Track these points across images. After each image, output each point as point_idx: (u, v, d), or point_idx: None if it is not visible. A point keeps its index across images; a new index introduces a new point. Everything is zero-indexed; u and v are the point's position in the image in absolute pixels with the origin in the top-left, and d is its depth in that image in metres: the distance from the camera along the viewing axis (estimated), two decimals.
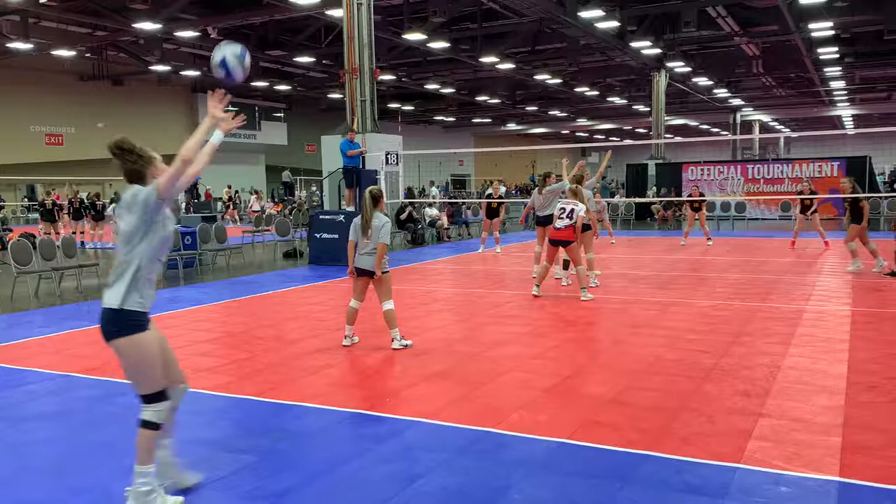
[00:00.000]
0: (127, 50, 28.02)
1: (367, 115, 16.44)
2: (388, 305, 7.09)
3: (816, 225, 15.73)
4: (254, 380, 6.21)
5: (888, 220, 22.44)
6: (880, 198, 23.17)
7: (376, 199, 7.04)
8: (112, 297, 3.61)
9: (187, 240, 14.19)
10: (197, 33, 23.67)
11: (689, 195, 17.70)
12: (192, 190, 32.64)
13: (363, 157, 15.31)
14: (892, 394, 5.36)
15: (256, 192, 35.73)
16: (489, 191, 20.26)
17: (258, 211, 29.23)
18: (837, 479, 3.91)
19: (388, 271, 7.15)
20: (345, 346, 7.31)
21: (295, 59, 27.93)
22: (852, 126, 55.28)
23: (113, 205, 24.46)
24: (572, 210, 9.54)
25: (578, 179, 10.42)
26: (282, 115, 43.11)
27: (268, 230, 19.62)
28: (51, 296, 11.39)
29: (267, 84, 33.05)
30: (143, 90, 35.86)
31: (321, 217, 15.00)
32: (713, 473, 4.03)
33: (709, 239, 16.97)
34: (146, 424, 3.69)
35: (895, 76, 36.99)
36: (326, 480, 4.11)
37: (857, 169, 24.98)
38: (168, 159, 3.69)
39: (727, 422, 4.84)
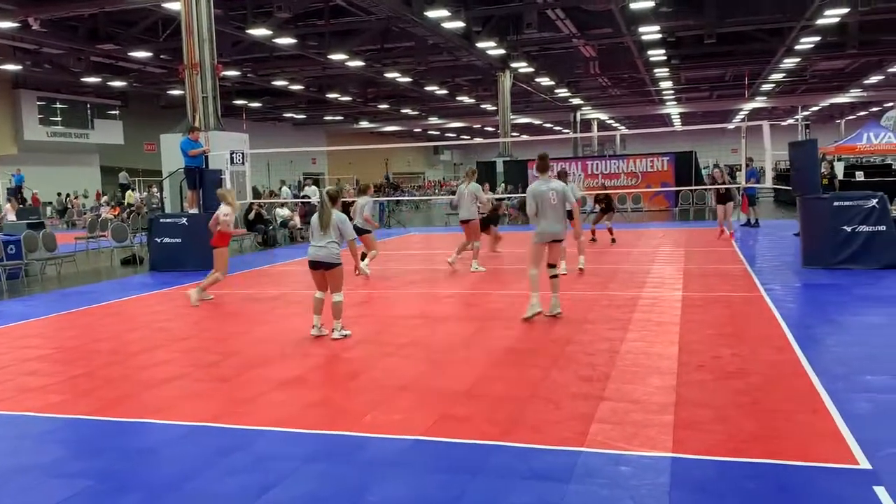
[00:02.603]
0: None
1: (209, 113, 15.76)
2: (338, 297, 7.54)
3: (729, 212, 15.90)
4: (90, 397, 5.79)
5: (712, 211, 24.40)
6: (705, 190, 25.12)
7: (334, 199, 7.68)
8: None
9: (11, 249, 13.00)
10: (16, 24, 21.72)
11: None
12: (17, 194, 30.03)
13: (206, 157, 14.67)
14: (717, 372, 5.82)
15: (10, 200, 27.54)
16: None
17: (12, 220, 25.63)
18: (671, 454, 4.19)
19: (340, 264, 7.57)
20: (313, 335, 7.53)
21: (130, 54, 26.29)
22: (680, 123, 59.66)
23: None
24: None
25: (363, 190, 12.39)
26: (117, 112, 40.48)
27: (103, 236, 18.36)
28: None
29: (99, 80, 30.92)
30: None
31: (162, 220, 14.23)
32: (559, 458, 4.20)
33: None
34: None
35: (716, 77, 40.33)
36: (171, 498, 3.90)
37: (685, 163, 27.01)
38: None
39: (572, 407, 5.06)
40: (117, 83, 32.47)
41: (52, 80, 32.51)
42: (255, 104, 40.73)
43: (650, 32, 24.77)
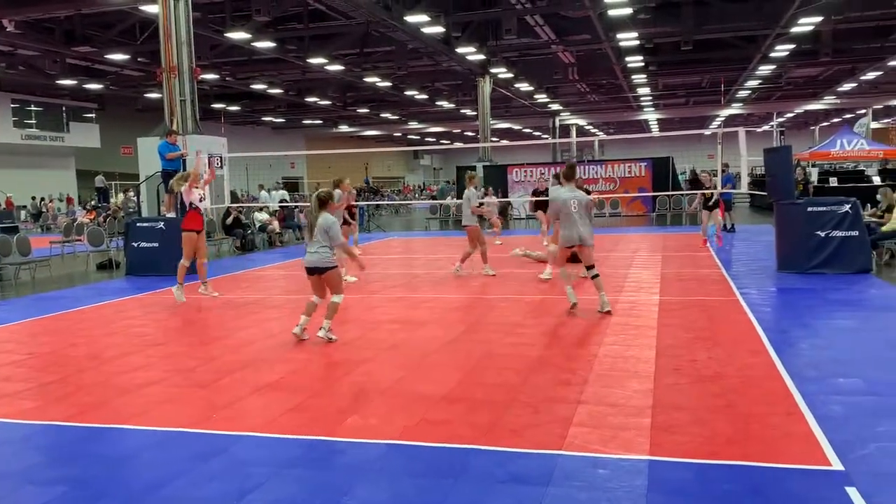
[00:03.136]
0: None
1: (187, 116, 15.67)
2: (336, 299, 7.57)
3: (715, 218, 15.81)
4: (64, 403, 5.73)
5: (689, 216, 24.64)
6: (682, 195, 25.37)
7: (323, 202, 7.49)
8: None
9: None
10: None
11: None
12: None
13: (184, 161, 14.56)
14: (693, 375, 5.88)
15: None
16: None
17: None
18: (648, 457, 4.22)
19: (336, 266, 7.59)
20: (294, 333, 7.54)
21: (107, 56, 26.05)
22: (657, 129, 60.17)
23: None
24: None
25: (336, 185, 11.75)
26: (93, 115, 40.07)
27: (79, 240, 18.13)
28: None
29: (75, 82, 30.58)
30: None
31: (139, 225, 14.10)
32: (538, 462, 4.22)
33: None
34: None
35: (692, 83, 40.77)
36: None
37: (662, 168, 27.26)
38: None
39: (550, 411, 5.09)
40: (94, 86, 32.13)
41: (26, 82, 32.10)
42: (234, 108, 40.52)
43: (628, 39, 25.00)
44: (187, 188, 10.02)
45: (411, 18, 20.96)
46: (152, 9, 17.40)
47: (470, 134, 58.60)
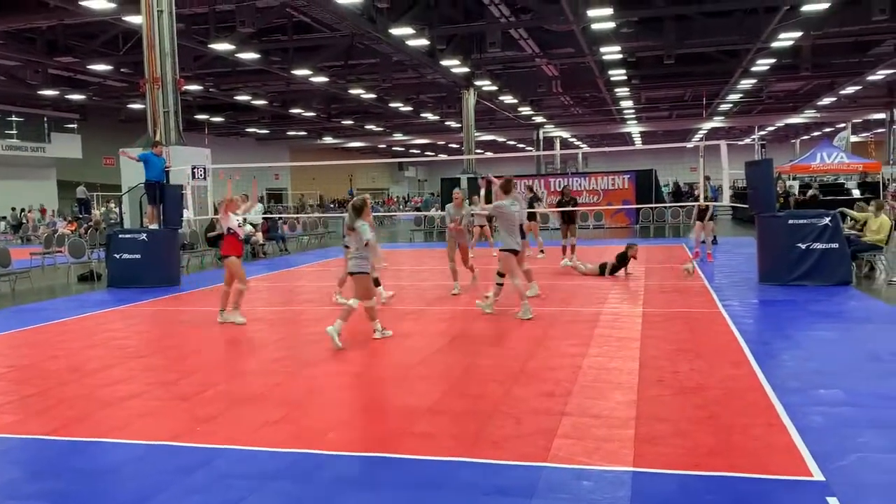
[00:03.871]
0: None
1: (171, 127, 15.60)
2: (352, 302, 7.91)
3: (708, 231, 15.65)
4: (44, 416, 5.66)
5: (672, 228, 24.82)
6: (665, 208, 25.55)
7: (359, 210, 7.89)
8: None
9: None
10: None
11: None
12: None
13: (167, 172, 14.50)
14: (676, 387, 5.91)
15: None
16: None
17: None
18: (631, 469, 4.24)
19: (359, 273, 7.89)
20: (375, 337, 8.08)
21: (90, 67, 25.92)
22: (640, 142, 60.64)
23: None
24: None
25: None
26: (75, 126, 39.79)
27: (60, 251, 17.95)
28: None
29: (57, 93, 30.36)
30: None
31: (121, 236, 13.99)
32: (522, 473, 4.22)
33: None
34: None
35: (675, 97, 41.18)
36: None
37: (645, 181, 27.44)
38: None
39: (534, 423, 5.10)
40: (76, 96, 31.92)
41: (7, 92, 31.83)
42: (218, 119, 40.39)
43: (611, 53, 25.22)
44: (223, 213, 9.67)
45: (396, 31, 21.03)
46: (136, 19, 17.35)
47: (454, 146, 58.80)
